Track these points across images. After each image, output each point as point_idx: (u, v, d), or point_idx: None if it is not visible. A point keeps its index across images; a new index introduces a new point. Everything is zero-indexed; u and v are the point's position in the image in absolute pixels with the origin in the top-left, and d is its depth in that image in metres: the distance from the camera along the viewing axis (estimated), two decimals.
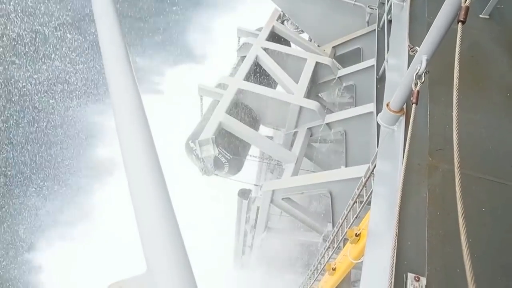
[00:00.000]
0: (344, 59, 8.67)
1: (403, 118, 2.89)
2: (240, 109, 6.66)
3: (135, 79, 1.69)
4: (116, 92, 1.52)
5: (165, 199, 1.24)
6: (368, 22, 7.96)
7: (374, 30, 7.26)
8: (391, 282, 1.95)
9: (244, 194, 7.12)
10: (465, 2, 1.93)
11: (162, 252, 1.12)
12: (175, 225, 1.19)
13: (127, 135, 1.41)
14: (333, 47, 8.61)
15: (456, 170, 1.55)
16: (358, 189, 4.20)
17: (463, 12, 1.93)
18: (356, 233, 3.97)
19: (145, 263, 1.12)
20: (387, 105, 2.92)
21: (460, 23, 1.95)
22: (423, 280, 2.10)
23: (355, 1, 7.87)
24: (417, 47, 2.56)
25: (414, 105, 2.44)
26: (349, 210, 4.49)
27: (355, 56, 8.39)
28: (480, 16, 4.29)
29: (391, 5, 5.31)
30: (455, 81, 1.81)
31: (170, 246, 1.13)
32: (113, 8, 1.93)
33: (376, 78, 6.08)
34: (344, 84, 7.76)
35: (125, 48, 1.77)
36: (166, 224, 1.17)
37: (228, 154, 6.38)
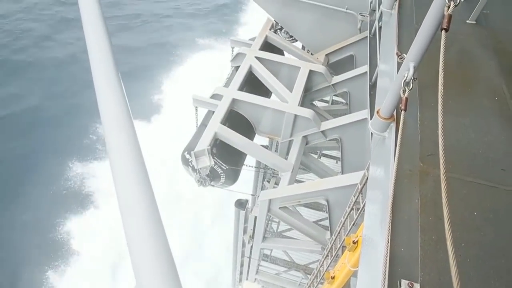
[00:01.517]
0: (337, 66, 8.75)
1: (393, 125, 2.91)
2: (235, 119, 6.68)
3: (123, 91, 1.72)
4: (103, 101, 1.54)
5: (154, 214, 1.25)
6: (360, 29, 8.04)
7: (366, 37, 7.33)
8: None
9: (241, 204, 7.11)
10: (447, 10, 1.97)
11: (151, 266, 1.12)
12: (164, 239, 1.20)
13: (115, 145, 1.42)
14: (326, 55, 8.68)
15: (442, 177, 1.57)
16: (354, 196, 4.21)
17: (446, 20, 1.96)
18: (353, 241, 3.97)
19: (134, 278, 1.12)
20: (378, 112, 2.95)
21: (443, 31, 1.98)
22: (417, 286, 2.09)
23: (346, 9, 7.96)
24: (404, 54, 2.59)
25: (403, 112, 2.46)
26: (346, 217, 4.49)
27: (348, 63, 8.46)
28: (467, 21, 4.35)
29: (381, 12, 5.37)
30: (440, 87, 1.84)
31: (159, 261, 1.13)
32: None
33: (369, 84, 6.13)
34: (338, 91, 7.81)
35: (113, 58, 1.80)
36: (155, 238, 1.18)
37: (224, 165, 6.39)
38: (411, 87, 2.44)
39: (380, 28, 5.52)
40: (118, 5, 32.69)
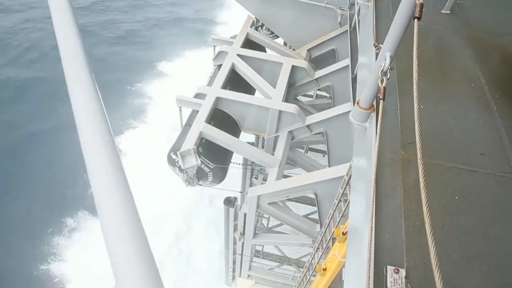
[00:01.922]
0: (320, 61, 8.80)
1: (374, 115, 2.95)
2: (220, 117, 6.67)
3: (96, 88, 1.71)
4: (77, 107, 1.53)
5: (132, 212, 1.25)
6: (340, 23, 8.10)
7: (347, 30, 7.39)
8: (370, 276, 1.99)
9: (230, 202, 7.12)
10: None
11: (130, 265, 1.12)
12: (143, 237, 1.20)
13: (91, 149, 1.41)
14: (308, 50, 8.72)
15: (419, 161, 1.60)
16: (341, 188, 4.26)
17: (418, 9, 1.99)
18: (343, 232, 4.02)
19: (114, 278, 1.12)
20: (358, 102, 2.98)
21: (416, 19, 2.01)
22: (403, 272, 2.13)
23: (326, 4, 8.01)
24: (381, 45, 2.62)
25: (381, 101, 2.50)
26: (335, 209, 4.54)
27: (330, 57, 8.52)
28: (442, 11, 4.44)
29: (360, 6, 5.43)
30: (414, 74, 1.87)
31: (137, 260, 1.13)
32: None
33: (352, 77, 6.18)
34: (321, 86, 7.86)
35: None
36: (133, 237, 1.18)
37: (211, 163, 6.37)
38: (388, 76, 2.47)
39: (359, 21, 5.58)
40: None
